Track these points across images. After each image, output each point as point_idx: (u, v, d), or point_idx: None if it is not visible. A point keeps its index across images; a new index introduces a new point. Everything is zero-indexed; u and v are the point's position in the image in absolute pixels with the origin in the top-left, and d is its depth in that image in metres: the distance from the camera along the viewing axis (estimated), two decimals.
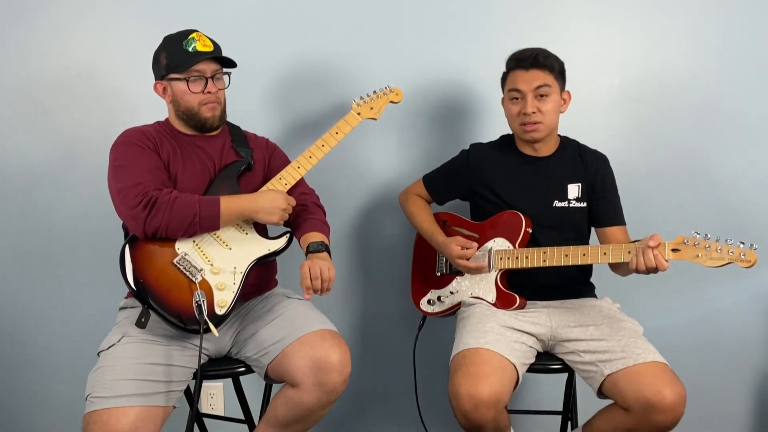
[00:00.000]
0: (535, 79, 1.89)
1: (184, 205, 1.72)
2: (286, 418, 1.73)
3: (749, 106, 2.35)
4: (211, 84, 1.83)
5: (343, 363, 1.70)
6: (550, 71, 1.90)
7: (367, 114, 2.00)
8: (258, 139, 2.03)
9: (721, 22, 2.33)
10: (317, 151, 1.91)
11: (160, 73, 1.85)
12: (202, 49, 1.81)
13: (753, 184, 2.37)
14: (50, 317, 2.39)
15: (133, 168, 1.75)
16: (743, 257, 1.60)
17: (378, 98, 2.02)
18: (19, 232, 2.35)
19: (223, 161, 1.90)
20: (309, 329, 1.75)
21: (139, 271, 1.70)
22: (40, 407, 2.42)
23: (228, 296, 1.75)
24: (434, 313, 2.07)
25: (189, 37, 1.82)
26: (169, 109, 1.90)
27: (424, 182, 2.14)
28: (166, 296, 1.70)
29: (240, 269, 1.79)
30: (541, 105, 1.90)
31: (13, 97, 2.31)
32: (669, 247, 1.68)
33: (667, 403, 1.61)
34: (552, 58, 1.92)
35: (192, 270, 1.74)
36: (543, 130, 1.93)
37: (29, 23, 2.29)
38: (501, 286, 1.94)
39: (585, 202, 1.97)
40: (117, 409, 1.56)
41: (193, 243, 1.77)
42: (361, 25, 2.33)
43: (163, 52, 1.84)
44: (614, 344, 1.75)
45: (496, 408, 1.67)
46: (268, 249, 1.85)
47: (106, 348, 1.70)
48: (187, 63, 1.80)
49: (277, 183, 1.88)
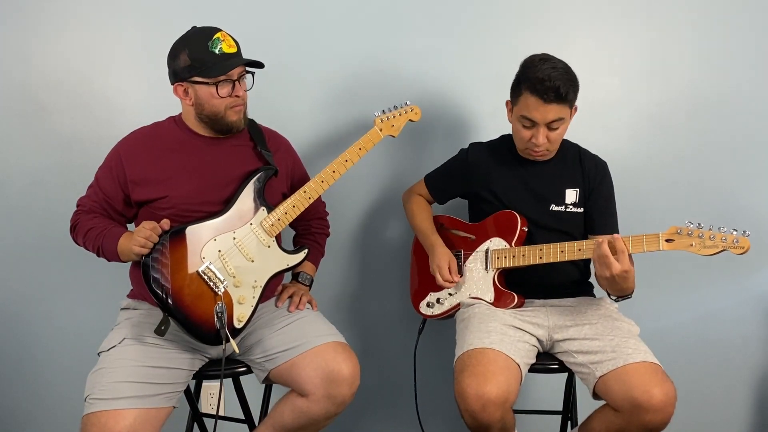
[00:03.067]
0: (551, 113, 1.81)
1: (91, 237, 1.78)
2: (290, 426, 1.74)
3: (749, 107, 2.35)
4: (238, 87, 1.77)
5: (353, 376, 1.71)
6: (569, 105, 1.84)
7: (388, 131, 1.99)
8: (274, 136, 1.99)
9: (722, 22, 2.33)
10: (340, 166, 1.90)
11: (181, 74, 1.74)
12: (228, 50, 1.73)
13: (752, 184, 2.37)
14: (50, 317, 2.39)
15: (90, 188, 1.86)
16: (736, 243, 1.59)
17: (399, 116, 2.00)
18: (19, 232, 2.35)
19: (244, 164, 1.85)
20: (321, 340, 1.75)
21: (164, 279, 1.68)
22: (39, 407, 2.43)
23: (247, 310, 1.76)
24: (434, 315, 2.06)
25: (214, 38, 1.72)
26: (187, 111, 1.82)
27: (425, 182, 2.14)
28: (191, 307, 1.69)
29: (260, 283, 1.79)
30: (551, 134, 1.86)
31: (13, 97, 2.31)
32: (663, 238, 1.68)
33: (655, 403, 1.61)
34: (572, 90, 1.81)
35: (216, 281, 1.73)
36: (549, 155, 1.93)
37: (29, 23, 2.28)
38: (499, 285, 1.94)
39: (582, 207, 1.97)
40: (115, 411, 1.56)
41: (219, 252, 1.75)
42: (361, 26, 2.33)
43: (183, 52, 1.73)
44: (606, 344, 1.75)
45: (503, 408, 1.67)
46: (286, 264, 1.86)
47: (106, 349, 1.70)
48: (218, 68, 1.71)
49: (301, 196, 1.86)
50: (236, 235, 1.78)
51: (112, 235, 1.75)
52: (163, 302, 1.67)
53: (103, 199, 1.82)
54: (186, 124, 1.85)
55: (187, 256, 1.71)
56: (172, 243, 1.71)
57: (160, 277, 1.68)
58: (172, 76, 1.78)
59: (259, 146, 1.89)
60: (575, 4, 2.33)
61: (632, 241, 1.72)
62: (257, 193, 1.83)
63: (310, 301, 1.95)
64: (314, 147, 2.34)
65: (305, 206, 1.87)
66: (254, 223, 1.81)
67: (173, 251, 1.71)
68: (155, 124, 1.88)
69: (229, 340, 1.69)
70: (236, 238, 1.78)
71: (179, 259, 1.71)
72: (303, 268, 2.02)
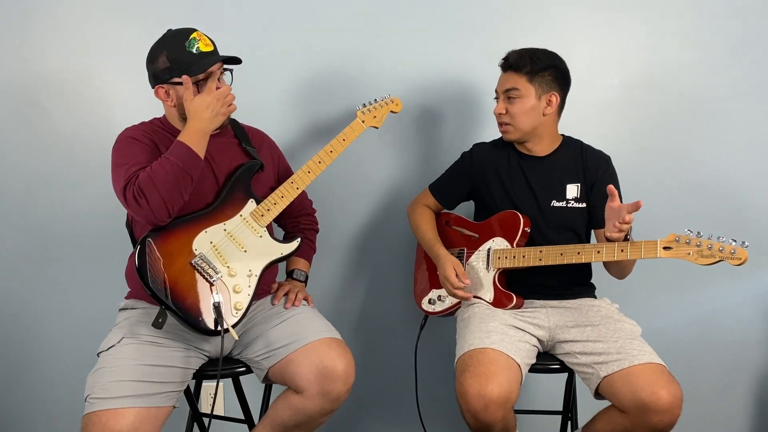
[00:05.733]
0: (506, 82, 1.93)
1: (161, 170, 1.65)
2: (287, 423, 1.74)
3: (748, 107, 2.35)
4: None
5: (348, 372, 1.71)
6: (521, 73, 1.90)
7: (371, 122, 2.02)
8: (256, 133, 2.01)
9: (721, 22, 2.33)
10: (326, 156, 1.92)
11: (161, 77, 1.76)
12: (205, 49, 1.76)
13: (751, 184, 2.37)
14: (50, 317, 2.38)
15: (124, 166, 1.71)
16: (734, 254, 1.60)
17: (380, 107, 2.04)
18: (19, 232, 2.34)
19: (231, 161, 1.88)
20: (315, 336, 1.76)
21: (157, 272, 1.69)
22: (39, 407, 2.42)
23: (244, 299, 1.76)
24: (435, 312, 2.07)
25: (190, 38, 1.75)
26: (170, 112, 1.84)
27: (430, 190, 2.14)
28: (185, 298, 1.70)
29: (255, 272, 1.80)
30: (510, 107, 1.93)
31: (13, 97, 2.31)
32: (661, 245, 1.69)
33: (663, 404, 1.61)
34: (528, 59, 1.90)
35: (210, 272, 1.74)
36: (512, 132, 1.95)
37: (29, 23, 2.28)
38: (499, 286, 1.95)
39: (584, 202, 1.97)
40: (116, 410, 1.56)
41: (210, 244, 1.77)
42: (361, 26, 2.33)
43: (161, 54, 1.75)
44: (610, 345, 1.76)
45: (505, 408, 1.67)
46: (280, 253, 1.86)
47: (105, 349, 1.70)
48: (197, 66, 1.74)
49: (289, 187, 1.88)
50: (227, 226, 1.80)
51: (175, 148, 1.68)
52: (159, 296, 1.67)
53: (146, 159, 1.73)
54: (171, 124, 1.87)
55: (179, 249, 1.73)
56: (163, 238, 1.72)
57: (155, 271, 1.68)
58: (152, 80, 1.80)
59: (243, 143, 1.92)
60: (575, 4, 2.33)
61: (630, 247, 1.72)
62: (245, 187, 1.85)
63: (306, 298, 1.95)
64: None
65: (294, 196, 1.88)
66: (244, 214, 1.83)
67: (165, 245, 1.72)
68: (142, 123, 1.89)
69: (226, 328, 1.69)
70: (227, 230, 1.80)
71: (171, 252, 1.72)
72: (297, 265, 2.02)
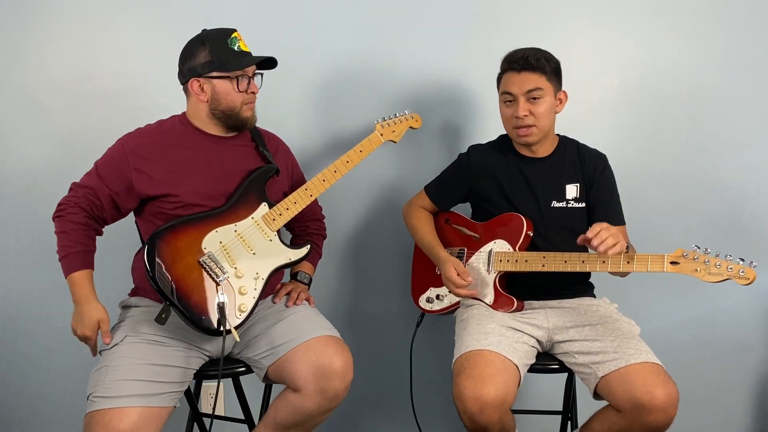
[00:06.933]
0: (527, 82, 1.87)
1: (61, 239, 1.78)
2: (286, 422, 1.74)
3: (748, 108, 2.35)
4: (253, 84, 1.84)
5: (345, 370, 1.71)
6: (542, 73, 1.88)
7: (389, 136, 2.03)
8: (273, 138, 2.02)
9: (721, 23, 2.33)
10: (342, 167, 1.94)
11: (199, 70, 1.79)
12: (245, 48, 1.82)
13: (751, 185, 2.38)
14: (50, 317, 2.38)
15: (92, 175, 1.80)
16: (742, 274, 1.60)
17: (400, 122, 2.05)
18: (19, 232, 2.34)
19: (247, 163, 1.88)
20: (313, 334, 1.76)
21: (165, 267, 1.69)
22: (40, 407, 2.42)
23: (249, 301, 1.76)
24: (433, 310, 2.07)
25: (232, 36, 1.81)
26: (198, 108, 1.85)
27: (426, 192, 2.13)
28: (191, 296, 1.70)
29: (262, 276, 1.80)
30: (534, 108, 1.88)
31: (14, 97, 2.31)
32: (668, 260, 1.68)
33: (658, 403, 1.61)
34: (544, 59, 1.88)
35: (217, 271, 1.74)
36: (536, 133, 1.92)
37: (29, 24, 2.28)
38: (499, 288, 1.94)
39: (583, 202, 1.97)
40: (119, 409, 1.56)
41: (220, 244, 1.77)
42: (361, 26, 2.33)
43: (202, 48, 1.79)
44: (607, 345, 1.76)
45: (501, 409, 1.67)
46: (289, 258, 1.86)
47: (108, 347, 1.70)
48: (238, 62, 1.79)
49: (303, 193, 1.89)
50: (238, 228, 1.81)
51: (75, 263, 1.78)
52: (165, 292, 1.67)
53: (98, 185, 1.79)
54: (191, 122, 1.87)
55: (189, 246, 1.73)
56: (174, 233, 1.73)
57: (162, 265, 1.69)
58: (187, 73, 1.82)
59: (260, 147, 1.92)
60: (575, 4, 2.33)
61: (637, 260, 1.72)
62: (260, 190, 1.86)
63: (307, 299, 1.95)
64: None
65: (306, 203, 1.89)
66: (256, 216, 1.84)
67: (175, 241, 1.72)
68: (160, 121, 1.91)
69: (228, 329, 1.69)
70: (238, 231, 1.80)
71: (180, 248, 1.72)
72: (302, 268, 2.03)
